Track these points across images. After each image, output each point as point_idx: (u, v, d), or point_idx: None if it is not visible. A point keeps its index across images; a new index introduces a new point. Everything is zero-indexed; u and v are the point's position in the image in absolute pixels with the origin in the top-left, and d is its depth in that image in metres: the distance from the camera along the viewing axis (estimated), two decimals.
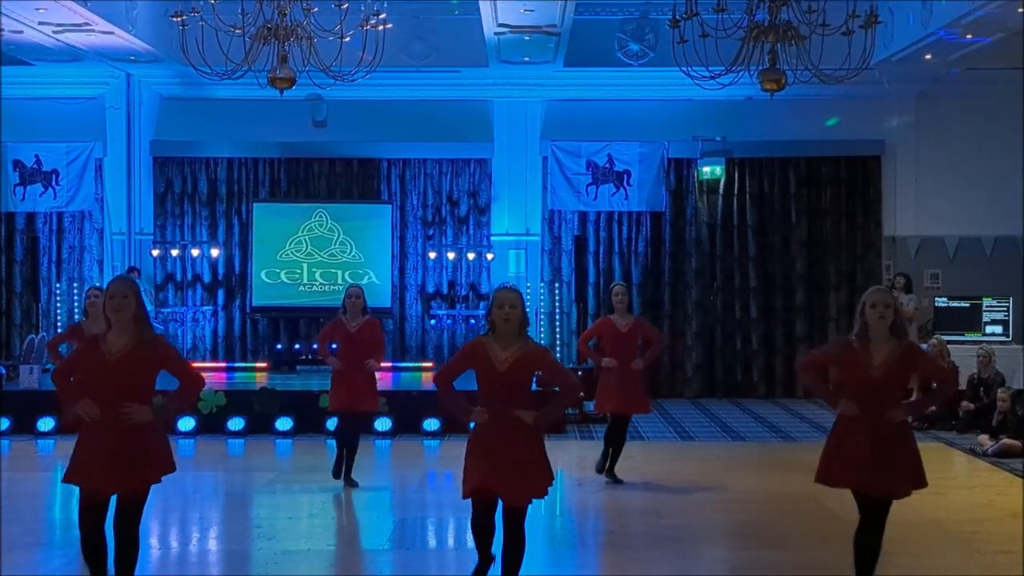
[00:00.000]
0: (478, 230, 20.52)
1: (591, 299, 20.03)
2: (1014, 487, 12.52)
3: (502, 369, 7.53)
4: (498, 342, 7.60)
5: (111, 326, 7.31)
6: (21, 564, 9.36)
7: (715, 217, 20.53)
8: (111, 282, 7.53)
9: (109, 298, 7.28)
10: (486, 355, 7.59)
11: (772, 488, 12.00)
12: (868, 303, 7.75)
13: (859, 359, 7.68)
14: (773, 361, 20.40)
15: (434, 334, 20.58)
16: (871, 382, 7.63)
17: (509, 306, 7.57)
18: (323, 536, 10.54)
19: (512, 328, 7.58)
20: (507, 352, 7.56)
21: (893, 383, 7.69)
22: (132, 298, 7.28)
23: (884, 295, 7.84)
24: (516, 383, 7.58)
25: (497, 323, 7.59)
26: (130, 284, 7.45)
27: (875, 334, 7.70)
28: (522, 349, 7.60)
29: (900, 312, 7.84)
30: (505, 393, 7.55)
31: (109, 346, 7.23)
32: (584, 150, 20.27)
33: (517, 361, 7.55)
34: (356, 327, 12.46)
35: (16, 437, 15.70)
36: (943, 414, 16.66)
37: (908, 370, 7.84)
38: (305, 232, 20.05)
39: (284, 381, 17.79)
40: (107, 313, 7.28)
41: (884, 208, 20.47)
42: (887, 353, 7.66)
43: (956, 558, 9.61)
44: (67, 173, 20.16)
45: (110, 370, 7.16)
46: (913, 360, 7.80)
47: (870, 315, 7.69)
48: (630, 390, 12.53)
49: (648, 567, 9.41)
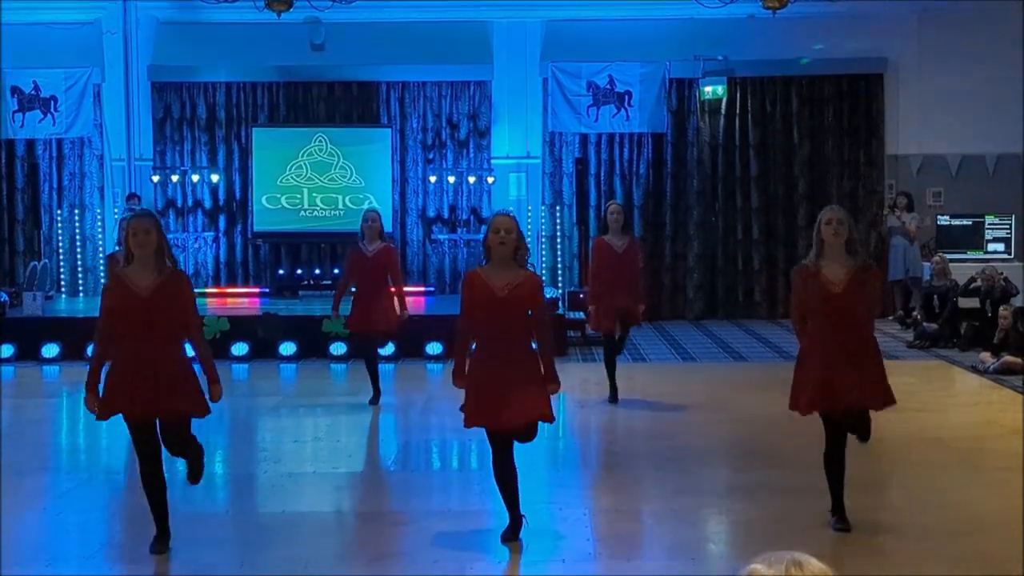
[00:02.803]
0: (478, 153, 20.44)
1: (592, 221, 19.98)
2: (1016, 404, 12.57)
3: (501, 295, 7.52)
4: (494, 270, 7.59)
5: (131, 261, 7.44)
6: (28, 488, 9.44)
7: (717, 137, 20.44)
8: (133, 218, 7.75)
9: (132, 234, 7.41)
10: (483, 284, 7.57)
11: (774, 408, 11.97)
12: (823, 220, 7.87)
13: (820, 279, 7.77)
14: (775, 282, 20.39)
15: (435, 258, 20.57)
16: (834, 300, 7.73)
17: (504, 231, 7.55)
18: (328, 459, 10.60)
19: (507, 252, 7.55)
20: (505, 280, 7.54)
21: (855, 299, 7.77)
22: (154, 233, 7.43)
23: (837, 212, 7.94)
24: (514, 310, 7.56)
25: (493, 248, 7.57)
26: (152, 219, 7.62)
27: (831, 251, 7.80)
28: (521, 275, 7.59)
29: (853, 229, 7.89)
30: (504, 320, 7.54)
31: (136, 280, 7.38)
32: (584, 71, 20.12)
33: (515, 289, 7.53)
34: (373, 252, 12.55)
35: (21, 363, 15.76)
36: (945, 332, 16.72)
37: (866, 286, 7.91)
38: (305, 157, 19.97)
39: (287, 306, 17.81)
40: (131, 248, 7.41)
41: (886, 127, 20.37)
42: (846, 271, 7.76)
43: (958, 475, 9.67)
44: (65, 99, 20.04)
45: (143, 305, 7.33)
46: (868, 279, 7.92)
47: (825, 232, 7.79)
48: (629, 301, 12.52)
49: (650, 487, 9.48)
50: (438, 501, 9.05)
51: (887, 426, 11.18)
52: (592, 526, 8.29)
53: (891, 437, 10.94)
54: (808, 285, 7.85)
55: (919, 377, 14.24)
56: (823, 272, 7.79)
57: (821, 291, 7.76)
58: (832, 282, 7.75)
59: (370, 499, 9.52)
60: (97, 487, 9.74)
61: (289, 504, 8.95)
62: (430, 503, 8.96)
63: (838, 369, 7.71)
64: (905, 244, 19.30)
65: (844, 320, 7.74)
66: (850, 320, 7.76)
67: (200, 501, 8.63)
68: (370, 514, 8.92)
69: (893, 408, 8.11)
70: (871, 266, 8.15)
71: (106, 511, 9.15)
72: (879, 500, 8.92)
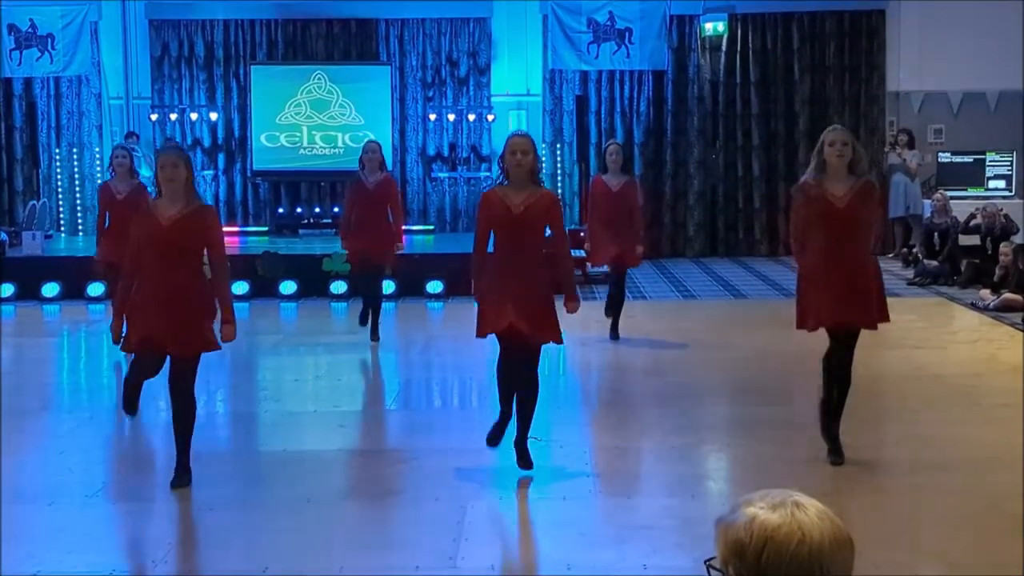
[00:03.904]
0: (478, 91, 20.33)
1: (592, 159, 19.89)
2: (1015, 341, 12.58)
3: (517, 212, 7.66)
4: (511, 189, 7.74)
5: (161, 194, 7.57)
6: (30, 429, 9.48)
7: (717, 74, 20.33)
8: (161, 152, 8.02)
9: (160, 168, 7.56)
10: (500, 202, 7.72)
11: (775, 346, 12.04)
12: (827, 141, 7.84)
13: (823, 195, 7.78)
14: (775, 219, 20.33)
15: (436, 196, 20.52)
16: (836, 213, 7.74)
17: (521, 152, 7.71)
18: (329, 398, 10.63)
19: (523, 173, 7.72)
20: (521, 197, 7.69)
21: (857, 214, 7.78)
22: (183, 167, 7.57)
23: (842, 133, 7.92)
24: (530, 227, 7.71)
25: (510, 169, 7.73)
26: (180, 153, 7.86)
27: (833, 171, 7.79)
28: (536, 194, 7.76)
29: (858, 149, 7.87)
30: (520, 237, 7.70)
31: (161, 211, 7.52)
32: (584, 8, 19.97)
33: (531, 206, 7.68)
34: (374, 184, 12.52)
35: (21, 303, 15.76)
36: (944, 269, 16.71)
37: (868, 204, 7.89)
38: (304, 95, 19.86)
39: (287, 244, 17.77)
40: (159, 181, 7.56)
41: (888, 63, 20.26)
42: (848, 187, 7.76)
43: (957, 411, 9.70)
44: (63, 37, 19.90)
45: (164, 234, 7.44)
46: (870, 196, 7.92)
47: (828, 153, 7.78)
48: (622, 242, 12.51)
49: (650, 424, 9.51)
50: (439, 439, 9.07)
51: (886, 363, 11.24)
52: (592, 463, 8.33)
53: (890, 374, 10.98)
54: (810, 201, 7.84)
55: (919, 314, 14.25)
56: (826, 187, 7.78)
57: (823, 206, 7.75)
58: (836, 196, 7.74)
59: (371, 437, 9.56)
60: (99, 426, 9.77)
61: (290, 443, 8.99)
62: (431, 441, 8.99)
63: (840, 287, 7.73)
64: (906, 181, 19.26)
65: (846, 235, 7.74)
66: (851, 235, 7.76)
67: (201, 440, 8.64)
68: (371, 452, 8.97)
69: (887, 324, 8.13)
70: (873, 184, 8.10)
71: (108, 450, 9.20)
72: (878, 437, 8.96)
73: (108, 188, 12.17)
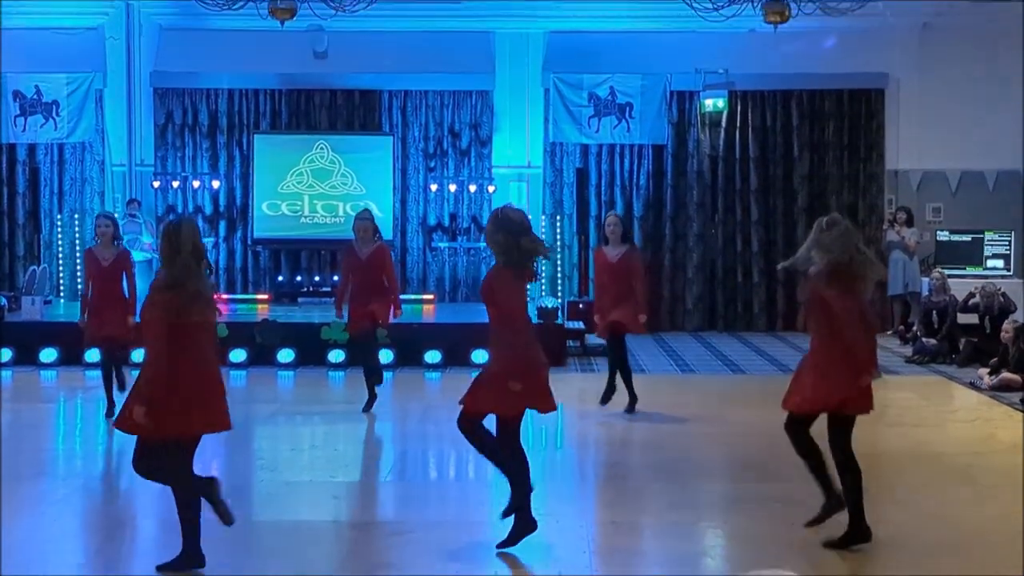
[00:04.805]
0: (480, 162, 20.45)
1: (592, 232, 19.96)
2: (1013, 420, 12.56)
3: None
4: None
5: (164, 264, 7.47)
6: (25, 495, 9.42)
7: (717, 150, 20.46)
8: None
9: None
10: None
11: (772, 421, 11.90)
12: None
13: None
14: (774, 294, 20.40)
15: (436, 266, 20.57)
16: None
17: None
18: (325, 468, 10.59)
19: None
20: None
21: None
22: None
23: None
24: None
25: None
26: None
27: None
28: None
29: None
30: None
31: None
32: (586, 82, 20.15)
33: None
34: (366, 255, 12.56)
35: (19, 368, 15.74)
36: (943, 348, 16.72)
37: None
38: (306, 164, 19.97)
39: (286, 313, 17.78)
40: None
41: (887, 142, 20.39)
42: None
43: (955, 489, 9.66)
44: (68, 104, 20.06)
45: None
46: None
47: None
48: (623, 310, 12.52)
49: (648, 500, 9.48)
50: (435, 512, 9.04)
51: (884, 441, 11.21)
52: (590, 539, 8.28)
53: (888, 452, 10.94)
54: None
55: (917, 393, 14.25)
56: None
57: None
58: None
59: (366, 509, 9.52)
60: (93, 493, 9.73)
61: (285, 513, 8.95)
62: (426, 514, 8.95)
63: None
64: (904, 259, 19.31)
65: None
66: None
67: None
68: (366, 524, 8.91)
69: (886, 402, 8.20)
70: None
71: (101, 516, 9.14)
72: (876, 515, 8.89)
73: (92, 254, 12.61)
